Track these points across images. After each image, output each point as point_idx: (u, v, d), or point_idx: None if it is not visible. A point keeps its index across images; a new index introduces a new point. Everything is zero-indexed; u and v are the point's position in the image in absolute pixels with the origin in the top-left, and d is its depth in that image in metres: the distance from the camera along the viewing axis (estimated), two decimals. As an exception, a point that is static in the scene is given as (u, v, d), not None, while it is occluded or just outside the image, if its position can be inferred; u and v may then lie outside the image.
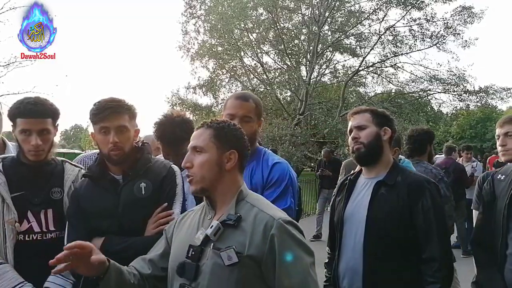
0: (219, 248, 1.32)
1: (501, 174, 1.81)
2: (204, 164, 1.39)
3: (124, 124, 1.76)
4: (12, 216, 1.82)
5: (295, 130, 17.82)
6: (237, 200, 1.40)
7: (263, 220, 1.32)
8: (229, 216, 1.35)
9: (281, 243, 1.29)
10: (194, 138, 1.44)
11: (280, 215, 1.35)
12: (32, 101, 1.86)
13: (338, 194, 2.12)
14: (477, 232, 1.86)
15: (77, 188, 1.90)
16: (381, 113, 2.03)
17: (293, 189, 1.95)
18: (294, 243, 1.32)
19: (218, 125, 1.43)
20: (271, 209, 1.39)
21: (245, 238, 1.31)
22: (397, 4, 18.61)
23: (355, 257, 1.87)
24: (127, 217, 1.73)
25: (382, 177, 1.93)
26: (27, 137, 1.84)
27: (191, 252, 1.36)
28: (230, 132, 1.43)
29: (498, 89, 18.87)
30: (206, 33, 20.41)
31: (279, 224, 1.31)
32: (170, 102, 20.80)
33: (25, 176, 1.89)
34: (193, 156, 1.41)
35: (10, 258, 1.80)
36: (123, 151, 1.76)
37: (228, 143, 1.41)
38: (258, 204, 1.40)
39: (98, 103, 1.77)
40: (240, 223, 1.34)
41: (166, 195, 1.78)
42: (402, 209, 1.83)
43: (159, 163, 1.89)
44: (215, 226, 1.34)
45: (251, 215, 1.35)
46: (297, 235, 1.34)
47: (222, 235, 1.33)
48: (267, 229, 1.30)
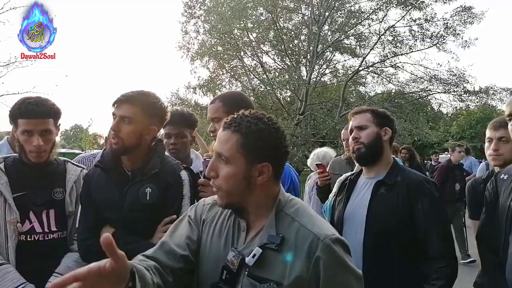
0: (255, 276, 1.15)
1: (504, 174, 1.81)
2: (229, 178, 1.19)
3: (130, 116, 1.71)
4: (14, 217, 1.81)
5: (295, 130, 17.81)
6: (276, 212, 1.21)
7: (307, 239, 1.15)
8: (270, 238, 1.16)
9: (328, 267, 1.12)
10: (219, 141, 1.21)
11: (326, 233, 1.16)
12: (33, 101, 1.84)
13: (338, 194, 2.12)
14: (481, 233, 1.86)
15: (89, 174, 1.90)
16: (382, 113, 2.02)
17: (295, 192, 1.93)
18: (342, 268, 1.16)
19: (248, 128, 1.18)
20: (315, 224, 1.19)
21: (286, 264, 1.14)
22: (397, 4, 18.61)
23: (355, 257, 1.86)
24: (130, 219, 1.73)
25: (382, 177, 1.93)
26: (29, 138, 1.83)
27: (225, 275, 1.18)
28: (264, 139, 1.18)
29: (498, 89, 18.91)
30: (206, 33, 20.40)
31: (326, 246, 1.13)
32: (170, 102, 20.79)
33: (27, 176, 1.88)
34: (218, 164, 1.20)
35: (12, 259, 1.79)
36: (121, 142, 1.72)
37: (260, 154, 1.18)
38: (300, 216, 1.21)
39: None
40: (283, 246, 1.15)
41: (171, 205, 1.74)
42: (402, 209, 1.83)
43: (169, 166, 1.82)
44: (257, 256, 1.15)
45: (293, 232, 1.17)
46: (344, 258, 1.16)
47: (260, 259, 1.15)
48: (312, 250, 1.13)
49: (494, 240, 1.72)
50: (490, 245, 1.76)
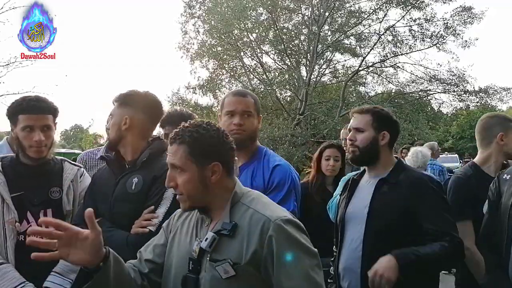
0: (215, 259, 1.27)
1: (507, 174, 1.80)
2: (186, 184, 1.31)
3: (111, 113, 1.89)
4: (12, 216, 1.82)
5: (295, 130, 17.80)
6: (232, 203, 1.33)
7: (259, 222, 1.26)
8: (223, 225, 1.29)
9: (279, 245, 1.23)
10: (170, 154, 1.34)
11: (277, 215, 1.28)
12: (34, 98, 1.91)
13: (343, 193, 2.12)
14: (484, 233, 1.85)
15: (100, 169, 2.00)
16: (384, 115, 1.98)
17: (296, 192, 1.91)
18: (294, 244, 1.25)
19: (190, 137, 1.31)
20: (268, 209, 1.31)
21: (241, 245, 1.26)
22: (397, 4, 18.60)
23: (354, 256, 1.86)
24: (116, 209, 1.77)
25: (384, 176, 1.92)
26: (29, 133, 1.85)
27: (191, 265, 1.31)
28: (206, 142, 1.31)
29: (498, 89, 18.89)
30: (205, 33, 20.40)
31: (277, 225, 1.24)
32: (171, 102, 20.79)
33: (25, 176, 1.89)
34: (175, 174, 1.33)
35: (11, 258, 1.80)
36: (109, 136, 1.86)
37: (207, 157, 1.31)
38: (254, 204, 1.33)
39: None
40: (235, 231, 1.28)
41: (152, 197, 1.75)
42: (403, 207, 1.82)
43: (161, 162, 1.82)
44: (210, 239, 1.28)
45: (246, 218, 1.29)
46: (296, 236, 1.26)
47: (218, 245, 1.28)
48: (264, 231, 1.24)
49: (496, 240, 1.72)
50: (492, 245, 1.75)
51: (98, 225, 1.18)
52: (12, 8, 11.94)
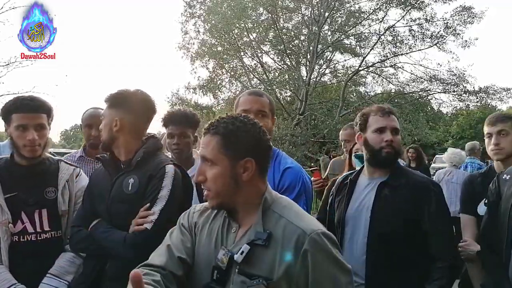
0: (245, 272, 1.17)
1: (506, 174, 1.80)
2: (216, 179, 1.22)
3: (103, 114, 1.87)
4: (6, 217, 1.80)
5: (295, 130, 17.80)
6: (263, 210, 1.24)
7: (294, 234, 1.17)
8: (257, 234, 1.20)
9: (315, 261, 1.15)
10: (202, 145, 1.26)
11: (312, 228, 1.19)
12: (28, 97, 1.90)
13: (337, 194, 2.08)
14: (484, 233, 1.85)
15: (97, 169, 1.98)
16: None
17: (306, 195, 1.87)
18: (330, 261, 1.17)
19: (225, 129, 1.22)
20: (302, 220, 1.22)
21: (274, 258, 1.17)
22: (397, 4, 18.60)
23: (358, 259, 1.84)
24: (113, 210, 1.75)
25: (385, 178, 1.90)
26: (23, 132, 1.83)
27: (216, 275, 1.22)
28: (242, 136, 1.22)
29: (498, 89, 18.89)
30: (206, 33, 20.40)
31: (312, 240, 1.16)
32: (171, 102, 20.79)
33: (19, 177, 1.88)
34: (205, 168, 1.24)
35: (5, 259, 1.79)
36: (102, 138, 1.84)
37: (241, 151, 1.21)
38: (287, 213, 1.23)
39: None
40: (270, 242, 1.18)
41: (148, 195, 1.73)
42: (406, 211, 1.81)
43: (156, 160, 1.82)
44: (246, 252, 1.18)
45: (280, 228, 1.20)
46: (332, 251, 1.18)
47: (249, 256, 1.18)
48: (299, 245, 1.16)
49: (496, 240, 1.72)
50: (492, 245, 1.75)
51: (98, 225, 1.14)
52: (12, 8, 11.93)
